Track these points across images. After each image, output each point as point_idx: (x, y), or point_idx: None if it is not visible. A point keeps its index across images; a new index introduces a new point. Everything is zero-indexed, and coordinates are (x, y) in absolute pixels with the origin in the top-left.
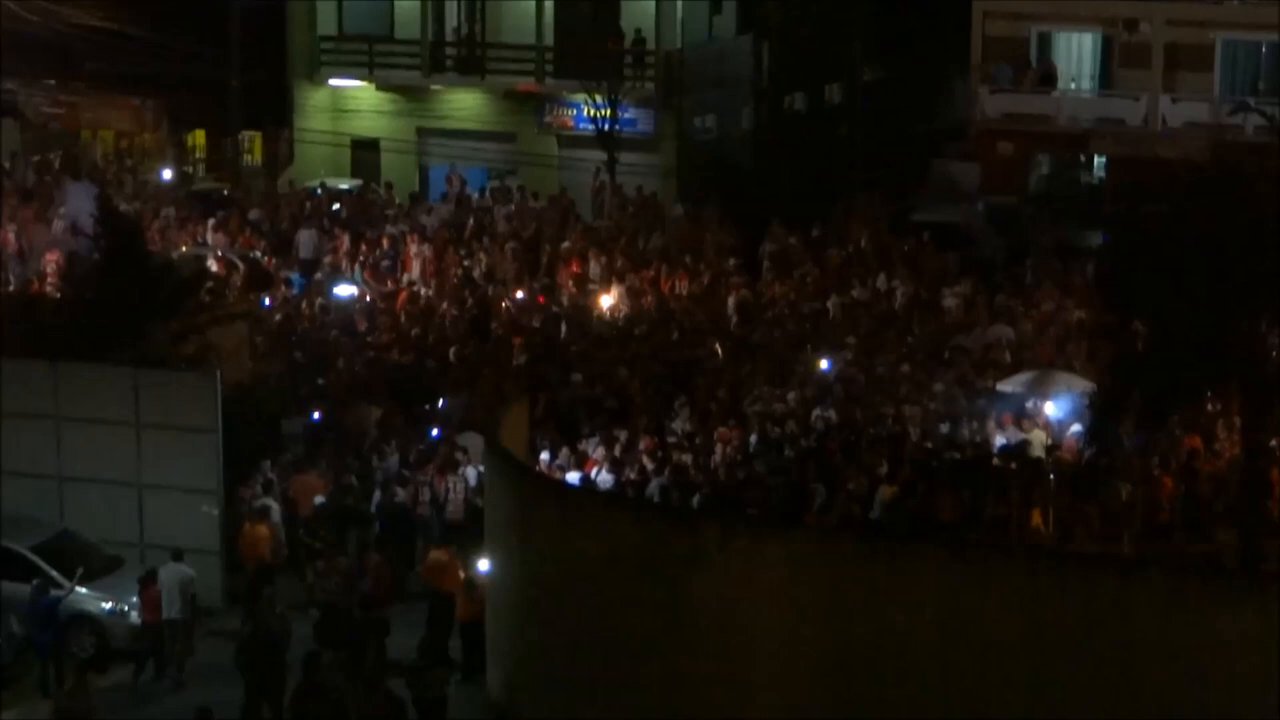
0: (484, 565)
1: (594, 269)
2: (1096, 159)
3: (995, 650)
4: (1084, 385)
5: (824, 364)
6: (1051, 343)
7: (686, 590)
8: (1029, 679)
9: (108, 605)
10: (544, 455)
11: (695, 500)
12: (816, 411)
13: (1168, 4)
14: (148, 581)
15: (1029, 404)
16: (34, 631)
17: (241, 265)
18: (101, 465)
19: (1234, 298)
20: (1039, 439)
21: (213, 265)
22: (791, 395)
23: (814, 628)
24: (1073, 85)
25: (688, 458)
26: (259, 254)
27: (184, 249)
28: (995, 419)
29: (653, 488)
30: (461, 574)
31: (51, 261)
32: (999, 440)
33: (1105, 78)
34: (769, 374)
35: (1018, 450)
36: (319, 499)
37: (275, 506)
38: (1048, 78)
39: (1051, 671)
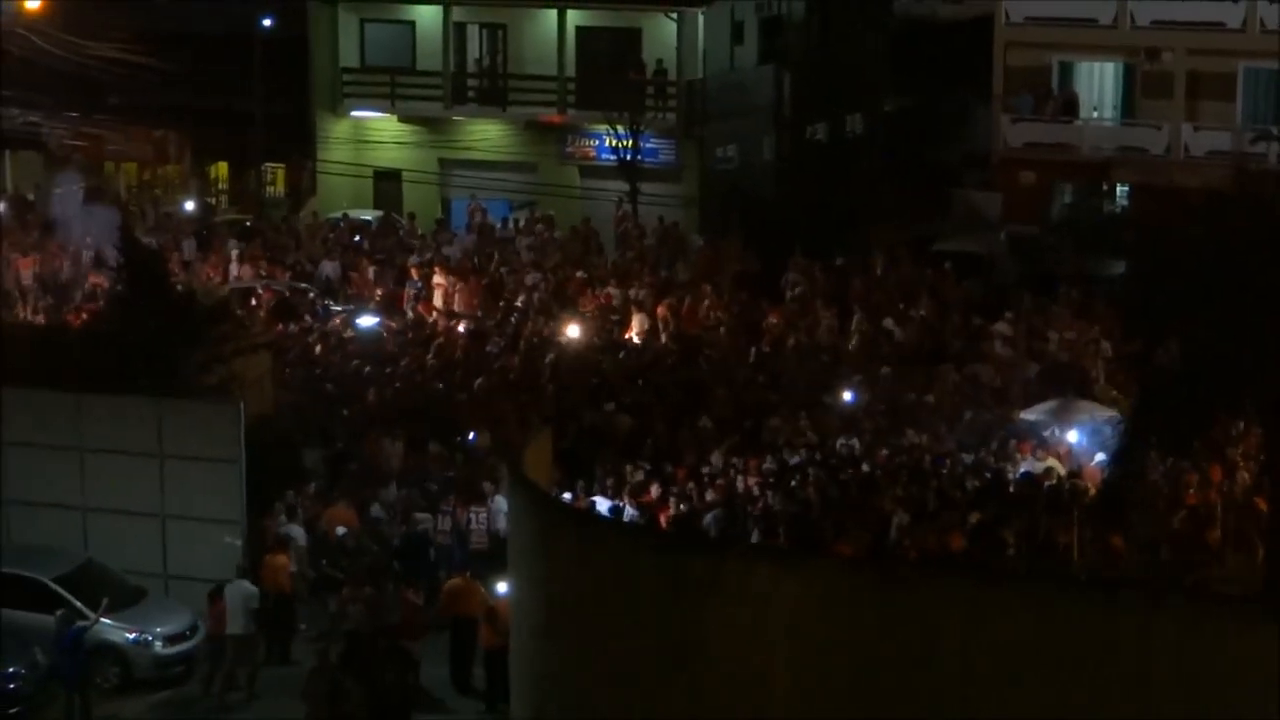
0: (506, 593)
1: (617, 299)
2: (1119, 188)
3: (1018, 680)
4: (1107, 413)
5: (847, 395)
6: (1074, 371)
7: (706, 619)
8: (1053, 710)
9: (132, 635)
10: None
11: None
12: (840, 440)
13: (1190, 33)
14: (215, 597)
15: (1049, 432)
16: (58, 662)
17: (289, 296)
18: (125, 496)
19: (1257, 326)
20: (1056, 467)
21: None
22: (811, 425)
23: (833, 657)
24: (1095, 114)
25: (738, 485)
26: (307, 287)
27: (232, 282)
28: (1014, 447)
29: (709, 519)
30: (485, 603)
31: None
32: (1022, 469)
33: (1127, 107)
34: (793, 404)
35: (1038, 478)
36: (341, 530)
37: (300, 535)
38: (1070, 107)
39: (1076, 702)
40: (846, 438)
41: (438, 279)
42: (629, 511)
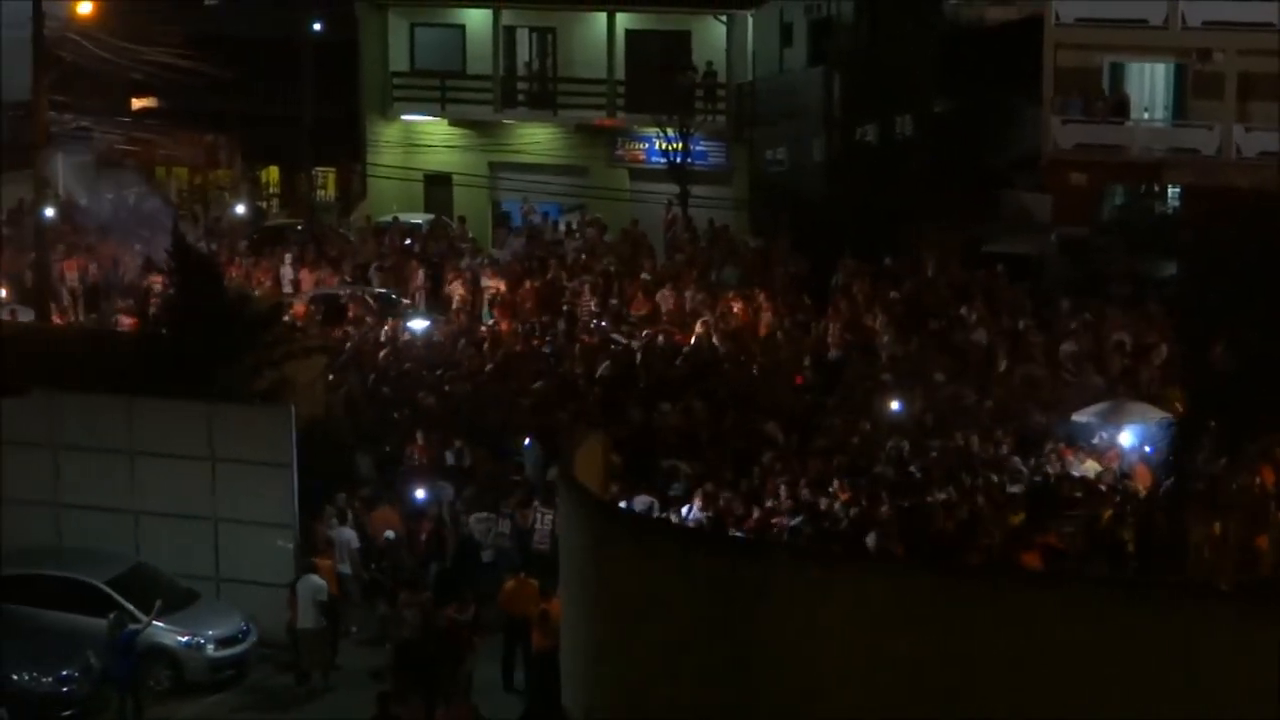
0: (560, 596)
1: (668, 302)
2: (1169, 189)
3: (1071, 680)
4: (1159, 415)
5: (895, 404)
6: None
7: (759, 622)
8: (1106, 710)
9: (184, 638)
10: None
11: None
12: (890, 443)
13: (1241, 33)
14: (292, 588)
15: (1098, 436)
16: (111, 665)
17: (374, 303)
18: (177, 499)
19: None
20: (1092, 468)
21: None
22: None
23: (887, 658)
24: (1145, 115)
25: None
26: (391, 292)
27: (315, 288)
28: (1057, 450)
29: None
30: (538, 605)
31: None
32: (1074, 471)
33: (1178, 107)
34: (849, 409)
35: (1077, 482)
36: (389, 534)
37: (353, 538)
38: (1120, 108)
39: (1127, 701)
40: (895, 440)
41: (490, 282)
42: (695, 515)
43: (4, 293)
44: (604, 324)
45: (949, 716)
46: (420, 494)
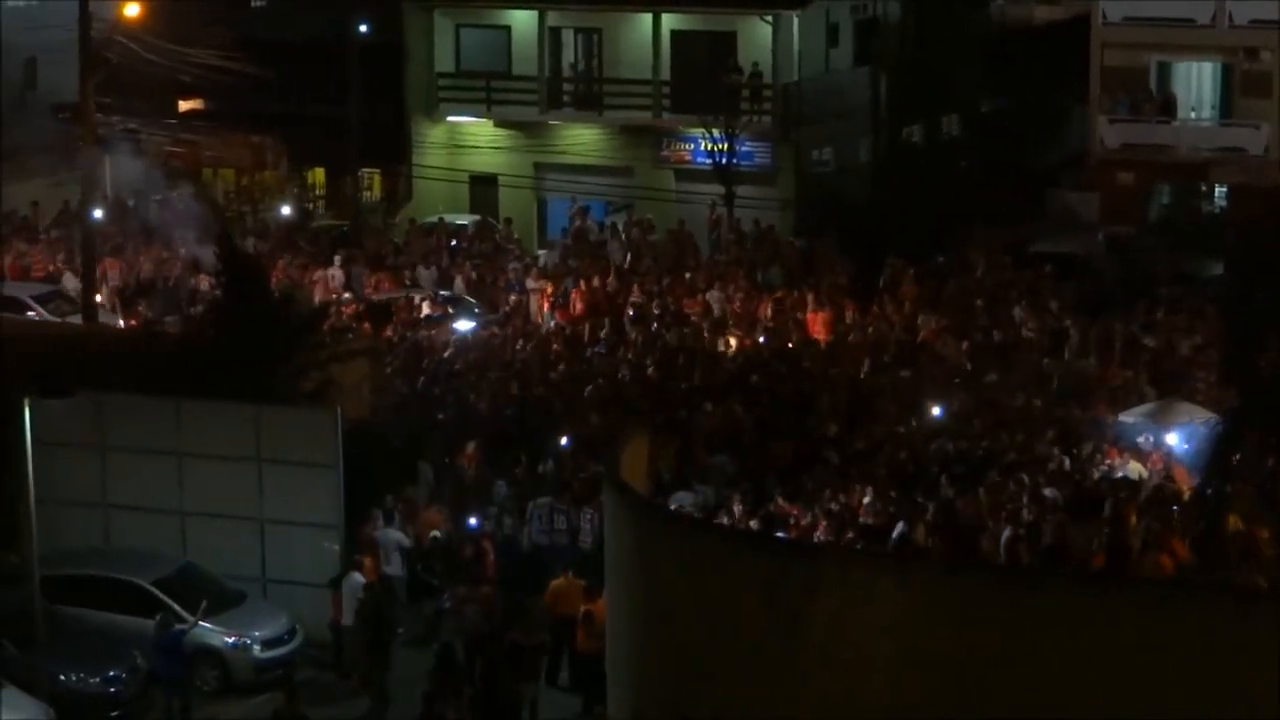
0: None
1: (718, 302)
2: (1217, 188)
3: (1119, 683)
4: (1206, 415)
5: (936, 410)
6: (1174, 372)
7: (806, 622)
8: (1150, 712)
9: (231, 639)
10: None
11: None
12: (934, 445)
13: None
14: (335, 586)
15: (1142, 437)
16: (158, 666)
17: (450, 308)
18: (223, 500)
19: None
20: (1137, 470)
21: (425, 307)
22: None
23: (933, 660)
24: (1193, 114)
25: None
26: (457, 295)
27: (393, 289)
28: (1101, 451)
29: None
30: (582, 606)
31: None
32: (1120, 473)
33: (1226, 107)
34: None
35: (1129, 483)
36: (435, 533)
37: (400, 539)
38: (1167, 107)
39: (1175, 704)
40: (940, 443)
41: (534, 283)
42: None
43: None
44: (655, 325)
45: (979, 712)
46: (472, 520)
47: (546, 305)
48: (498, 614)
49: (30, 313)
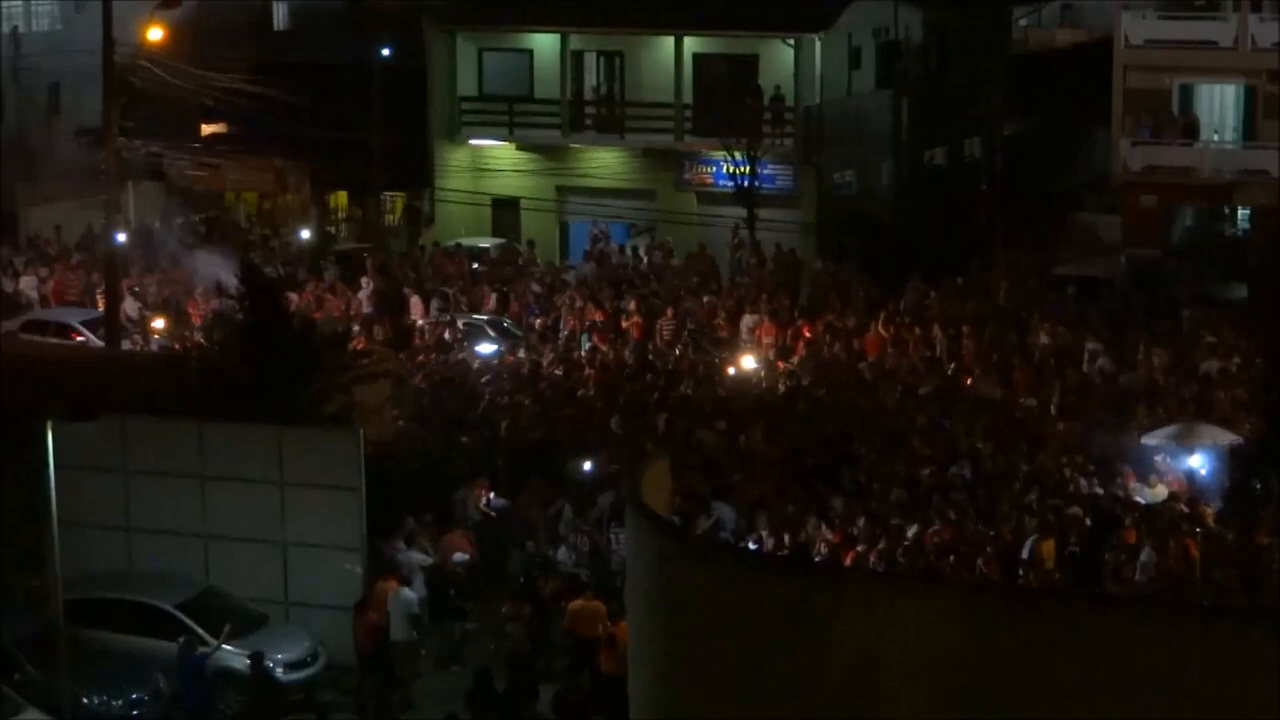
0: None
1: (746, 326)
2: (1240, 211)
3: (1139, 707)
4: (1230, 438)
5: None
6: (1197, 395)
7: (829, 647)
8: None
9: None
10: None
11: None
12: (953, 470)
13: None
14: (360, 609)
15: (1161, 458)
16: (181, 689)
17: (492, 331)
18: (246, 523)
19: None
20: (1160, 493)
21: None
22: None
23: (957, 685)
24: (1215, 137)
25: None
26: (503, 320)
27: (466, 315)
28: (1119, 474)
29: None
30: (606, 628)
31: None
32: (1139, 496)
33: (1249, 129)
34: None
35: (1153, 507)
36: (460, 556)
37: (422, 560)
38: (1190, 129)
39: None
40: (959, 467)
41: (565, 303)
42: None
43: (162, 323)
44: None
45: None
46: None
47: (576, 327)
48: (539, 634)
49: (80, 338)
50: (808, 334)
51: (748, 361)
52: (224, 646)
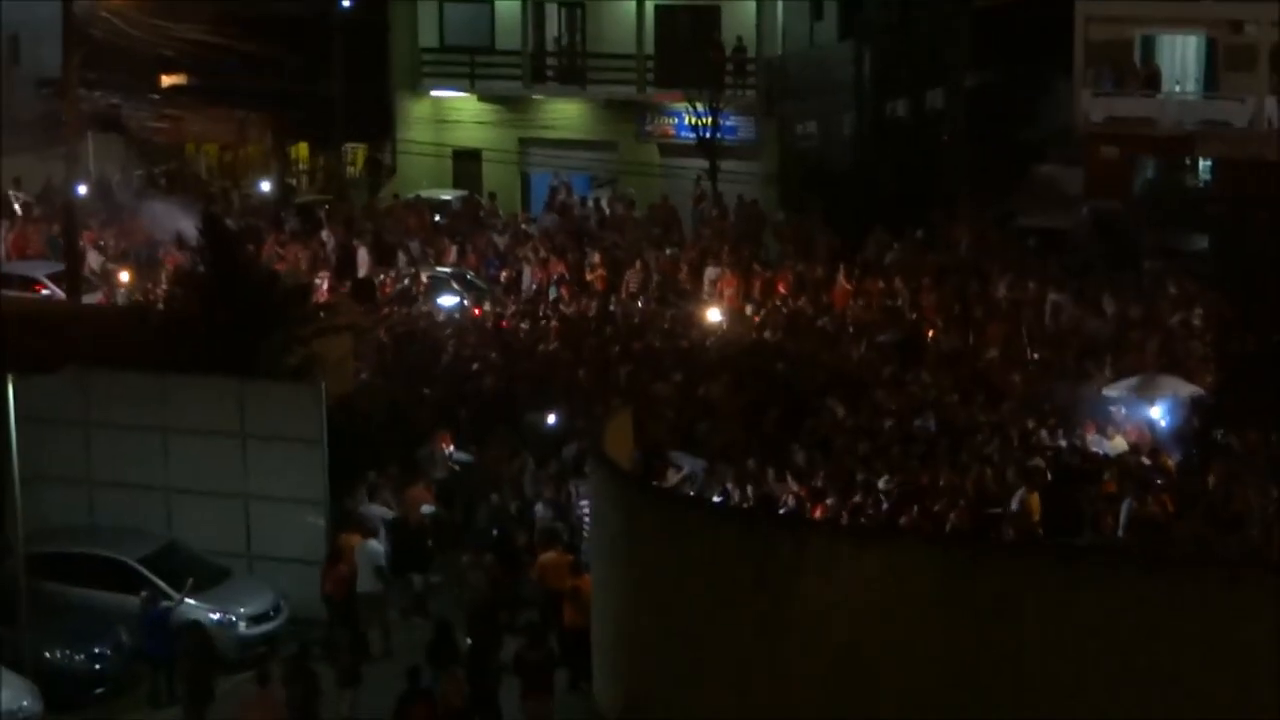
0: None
1: (708, 278)
2: (1202, 162)
3: (1105, 659)
4: (1191, 389)
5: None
6: (1159, 346)
7: (793, 599)
8: (1139, 688)
9: (216, 616)
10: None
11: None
12: (917, 422)
13: (1273, 4)
14: (333, 561)
15: (1118, 410)
16: (144, 643)
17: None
18: (208, 477)
19: None
20: (1119, 445)
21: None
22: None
23: (920, 636)
24: (1177, 88)
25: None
26: (467, 273)
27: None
28: (1081, 425)
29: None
30: (569, 581)
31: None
32: (1101, 448)
33: (1210, 80)
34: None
35: (1111, 458)
36: (427, 508)
37: (383, 514)
38: (1152, 81)
39: (1164, 680)
40: (923, 420)
41: (528, 255)
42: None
43: (127, 276)
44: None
45: (982, 693)
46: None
47: (538, 278)
48: (503, 585)
49: (45, 291)
50: (772, 286)
51: (711, 314)
52: (186, 600)
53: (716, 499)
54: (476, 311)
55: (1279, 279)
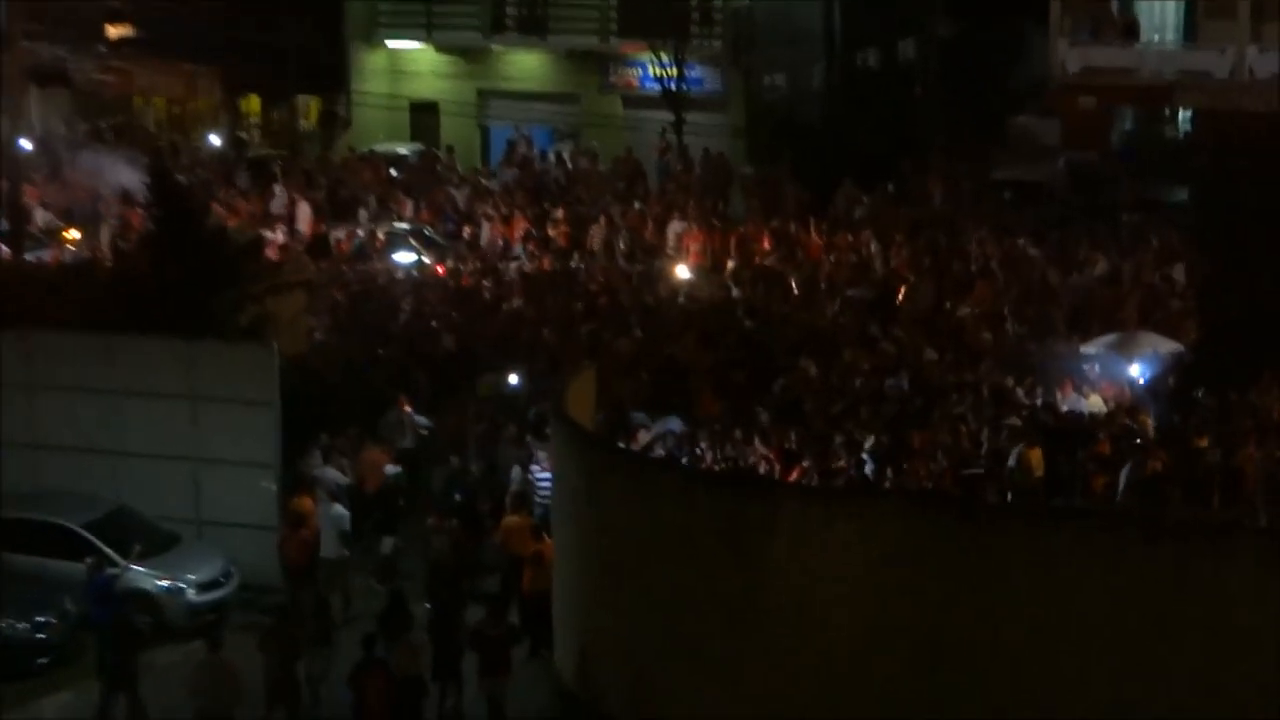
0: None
1: (674, 233)
2: (1181, 113)
3: (1086, 622)
4: (1171, 346)
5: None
6: (1137, 302)
7: (764, 563)
8: (1121, 650)
9: (164, 583)
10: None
11: None
12: (890, 381)
13: None
14: (295, 525)
15: (1093, 368)
16: (89, 610)
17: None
18: (156, 440)
19: None
20: (1097, 404)
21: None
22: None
23: (896, 600)
24: (1156, 38)
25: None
26: (424, 229)
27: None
28: (1058, 383)
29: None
30: (531, 546)
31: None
32: (1078, 407)
33: (1190, 29)
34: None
35: (1091, 418)
36: (391, 469)
37: (338, 478)
38: (1130, 30)
39: (1145, 644)
40: (895, 380)
41: (488, 211)
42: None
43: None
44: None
45: (955, 655)
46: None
47: (500, 235)
48: (465, 550)
49: None
50: (740, 242)
51: (679, 271)
52: (133, 567)
53: (684, 460)
54: (438, 269)
55: (1261, 231)
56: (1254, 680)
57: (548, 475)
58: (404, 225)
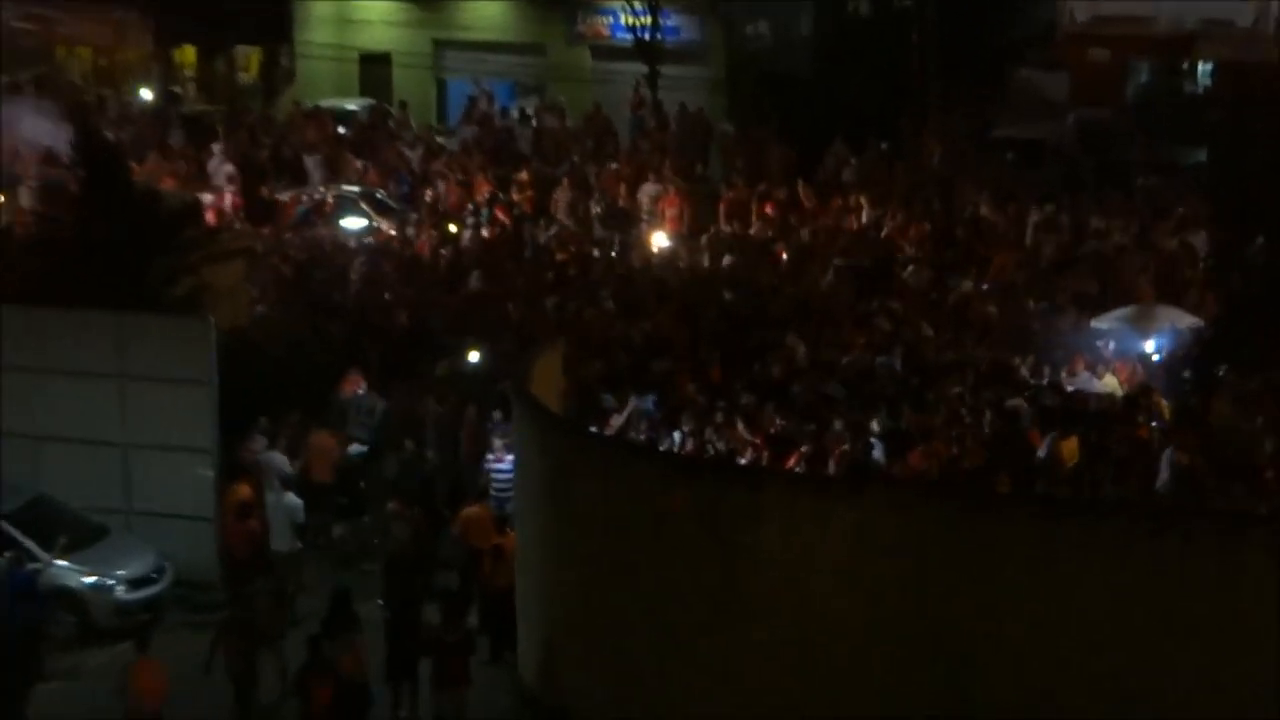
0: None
1: (648, 195)
2: (1201, 65)
3: (1089, 617)
4: (1191, 320)
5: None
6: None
7: (746, 555)
8: (1125, 644)
9: (91, 579)
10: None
11: None
12: (881, 359)
13: None
14: (242, 517)
15: (1107, 344)
16: (6, 609)
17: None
18: (82, 422)
19: None
20: (1111, 383)
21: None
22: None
23: (887, 594)
24: None
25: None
26: (376, 191)
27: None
28: (1069, 361)
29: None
30: (492, 538)
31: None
32: (1090, 386)
33: None
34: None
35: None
36: (355, 447)
37: (284, 463)
38: None
39: (1149, 638)
40: (886, 359)
41: (444, 171)
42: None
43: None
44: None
45: (942, 647)
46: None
47: (458, 198)
48: (425, 537)
49: None
50: (723, 205)
51: (654, 238)
52: (57, 562)
53: (659, 445)
54: (384, 235)
55: None
56: (1261, 677)
57: (503, 465)
58: (353, 188)
